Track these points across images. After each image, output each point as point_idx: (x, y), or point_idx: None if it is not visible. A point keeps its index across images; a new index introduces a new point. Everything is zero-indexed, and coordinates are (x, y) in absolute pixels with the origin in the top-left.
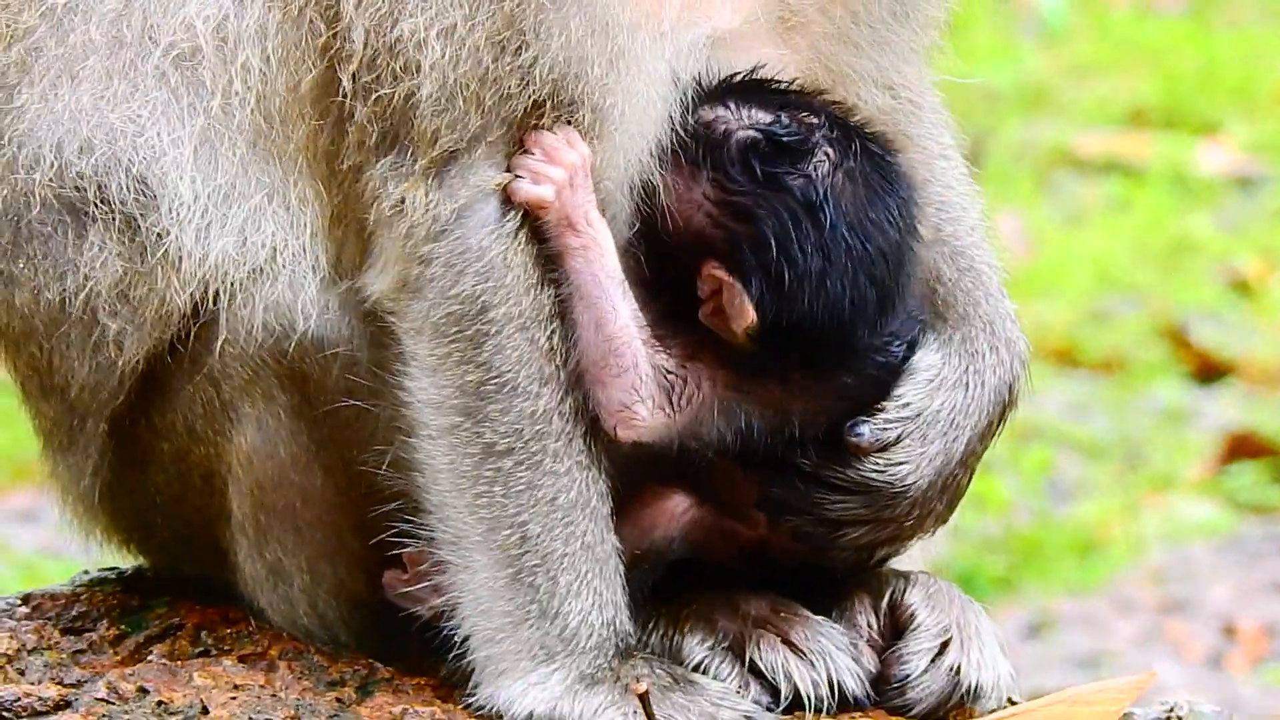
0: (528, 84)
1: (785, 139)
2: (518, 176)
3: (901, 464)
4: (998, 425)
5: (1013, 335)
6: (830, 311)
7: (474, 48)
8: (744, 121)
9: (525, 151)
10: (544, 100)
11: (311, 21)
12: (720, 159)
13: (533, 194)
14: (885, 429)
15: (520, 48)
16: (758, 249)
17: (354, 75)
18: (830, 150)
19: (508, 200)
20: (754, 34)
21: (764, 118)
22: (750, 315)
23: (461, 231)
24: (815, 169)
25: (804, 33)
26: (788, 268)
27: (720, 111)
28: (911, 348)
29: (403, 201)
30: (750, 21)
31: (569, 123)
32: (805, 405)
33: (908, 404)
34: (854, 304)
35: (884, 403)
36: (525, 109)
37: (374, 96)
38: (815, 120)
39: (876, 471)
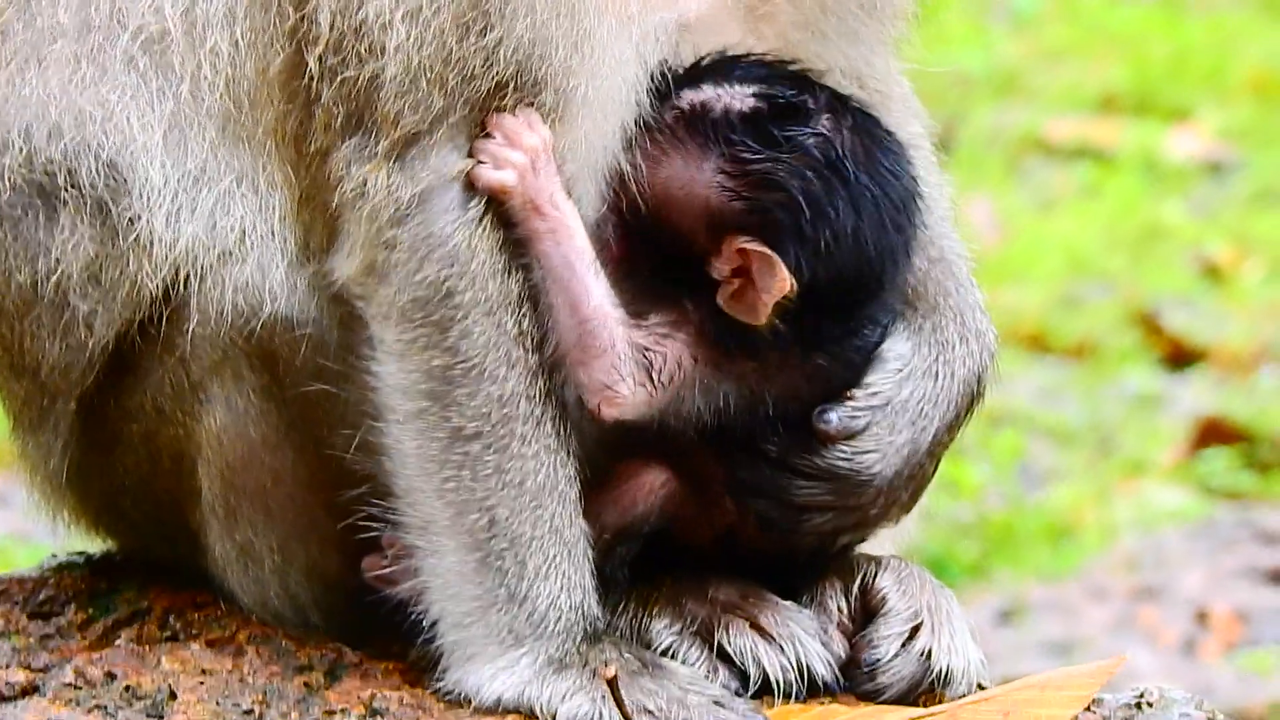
0: (491, 65)
1: (789, 101)
2: (479, 162)
3: (869, 452)
4: (966, 416)
5: (982, 326)
6: (864, 266)
7: (439, 30)
8: (739, 93)
9: (486, 135)
10: (507, 81)
11: (279, 5)
12: (727, 133)
13: (494, 179)
14: (854, 416)
15: (485, 29)
16: (790, 212)
17: (320, 58)
18: (828, 108)
19: (470, 185)
20: (722, 20)
21: (756, 87)
22: (788, 282)
23: (424, 217)
24: (823, 126)
25: (772, 21)
26: (824, 226)
27: (709, 91)
28: (883, 334)
29: (365, 184)
30: (718, 8)
31: (532, 105)
32: (780, 385)
33: (877, 392)
34: (884, 255)
35: (853, 390)
36: (488, 90)
37: (340, 79)
38: (803, 83)
39: (843, 459)
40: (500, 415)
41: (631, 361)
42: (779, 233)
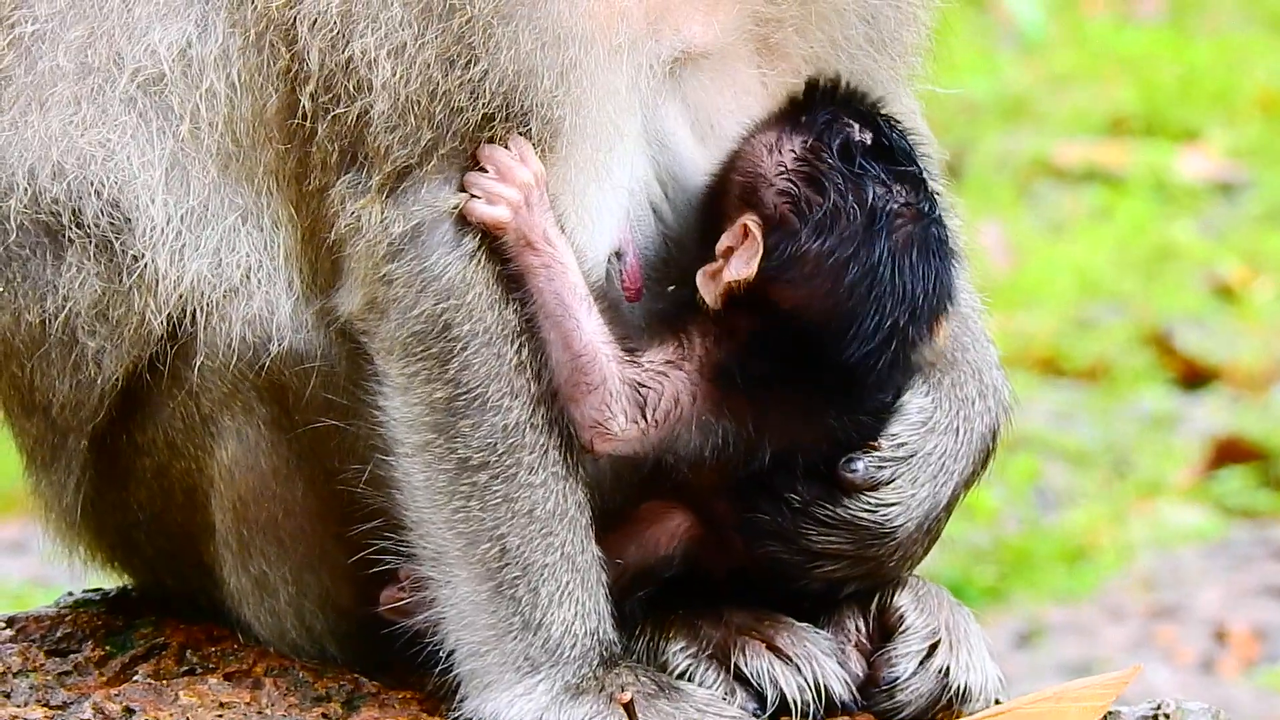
0: (477, 97)
1: (890, 148)
2: (473, 197)
3: (892, 505)
4: (981, 472)
5: (998, 382)
6: (833, 307)
7: (424, 65)
8: (864, 120)
9: (479, 169)
10: (494, 113)
11: (272, 45)
12: (827, 138)
13: (488, 215)
14: (880, 467)
15: (470, 62)
16: (808, 212)
17: (313, 95)
18: (916, 191)
19: (464, 219)
20: (732, 54)
21: (881, 129)
22: (752, 270)
23: (418, 251)
24: (895, 193)
25: (783, 56)
26: (819, 241)
27: (846, 114)
28: (898, 396)
29: (359, 219)
30: (727, 41)
31: (522, 135)
32: (778, 431)
33: (903, 444)
34: (857, 312)
35: (879, 440)
36: (476, 122)
37: (331, 116)
38: (920, 173)
39: (867, 510)
40: (506, 445)
41: (624, 397)
42: (783, 225)
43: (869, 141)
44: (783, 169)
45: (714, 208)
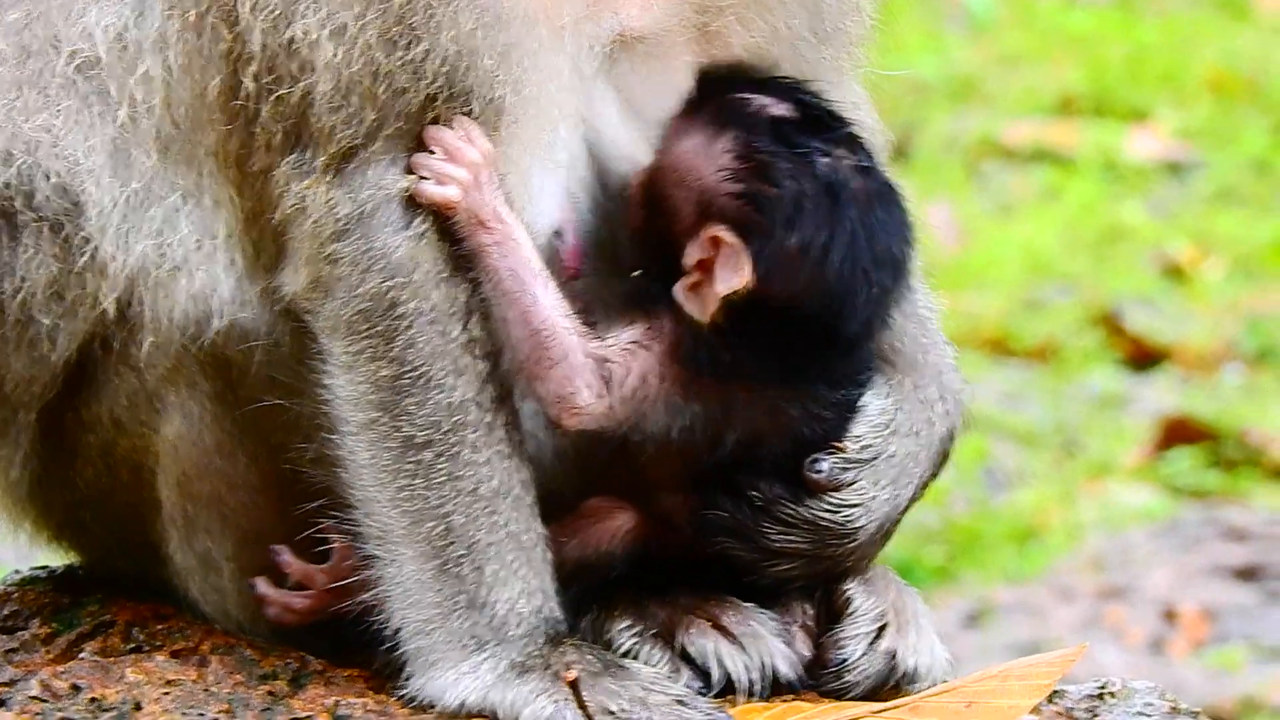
0: (420, 78)
1: (817, 117)
2: (422, 178)
3: (855, 506)
4: (937, 474)
5: (956, 385)
6: (822, 293)
7: (365, 45)
8: (776, 97)
9: (426, 150)
10: (437, 94)
11: (213, 27)
12: (751, 125)
13: (437, 195)
14: (845, 468)
15: (411, 42)
16: (771, 208)
17: (255, 76)
18: (850, 147)
19: (410, 199)
20: (669, 37)
21: (794, 98)
22: (746, 275)
23: (364, 231)
24: (838, 155)
25: (722, 43)
26: (796, 235)
27: (749, 92)
28: (859, 396)
29: (304, 200)
30: (665, 24)
31: (466, 116)
32: (742, 419)
33: (867, 445)
34: (847, 290)
35: (843, 441)
36: (419, 103)
37: (274, 97)
38: (835, 117)
39: (829, 511)
40: (450, 423)
41: (588, 370)
42: (753, 227)
43: (791, 114)
44: (726, 172)
45: (657, 222)
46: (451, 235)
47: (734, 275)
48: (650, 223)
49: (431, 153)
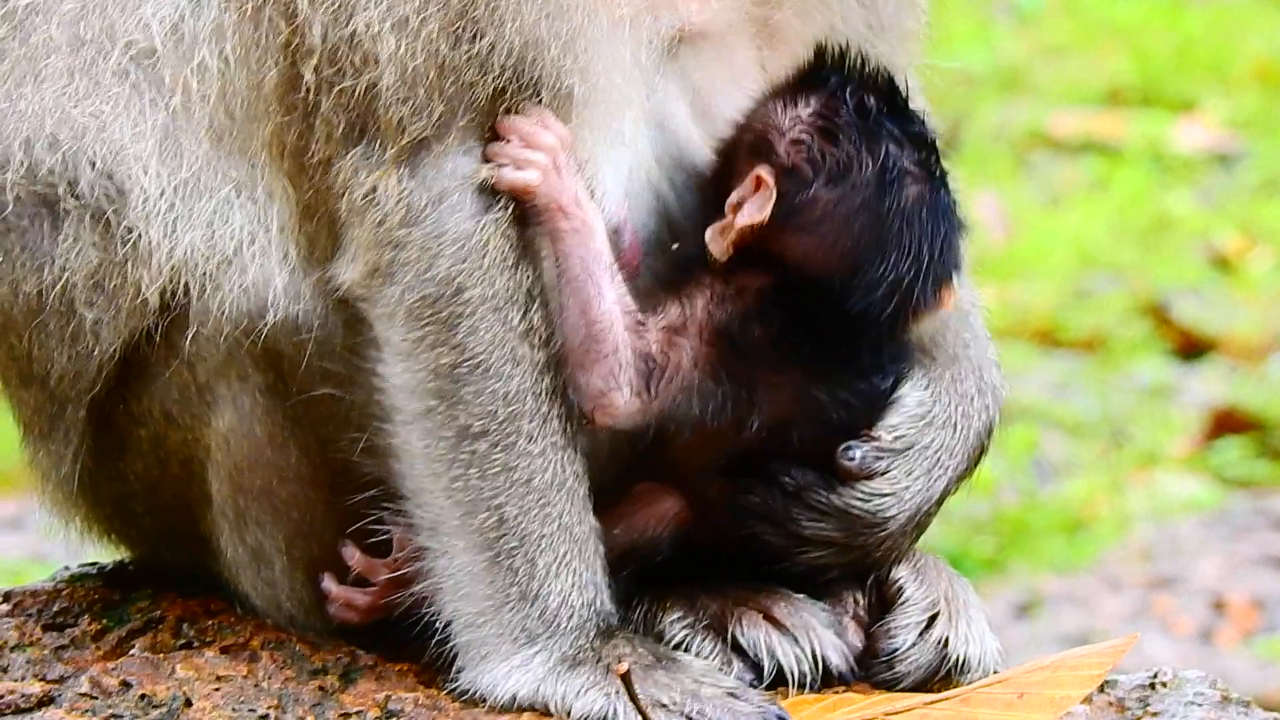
0: (487, 71)
1: (908, 119)
2: (500, 165)
3: (886, 496)
4: (974, 469)
5: (996, 381)
6: (839, 258)
7: (429, 38)
8: (879, 91)
9: (503, 139)
10: (506, 86)
11: (271, 20)
12: (839, 94)
13: (517, 179)
14: (878, 457)
15: (476, 35)
16: (822, 162)
17: (316, 69)
18: (927, 153)
19: (485, 186)
20: (732, 35)
21: (892, 91)
22: (765, 214)
23: (438, 216)
24: (907, 157)
25: (782, 38)
26: (831, 189)
27: (858, 77)
28: (896, 385)
29: (374, 190)
30: (726, 20)
31: (537, 105)
32: (770, 402)
33: (901, 435)
34: (862, 262)
35: (877, 430)
36: (489, 95)
37: (337, 89)
38: (932, 137)
39: (860, 500)
40: (506, 413)
41: (632, 369)
42: (797, 174)
43: (883, 102)
44: (798, 121)
45: (722, 171)
46: (522, 221)
47: (756, 210)
48: (716, 171)
49: (507, 141)
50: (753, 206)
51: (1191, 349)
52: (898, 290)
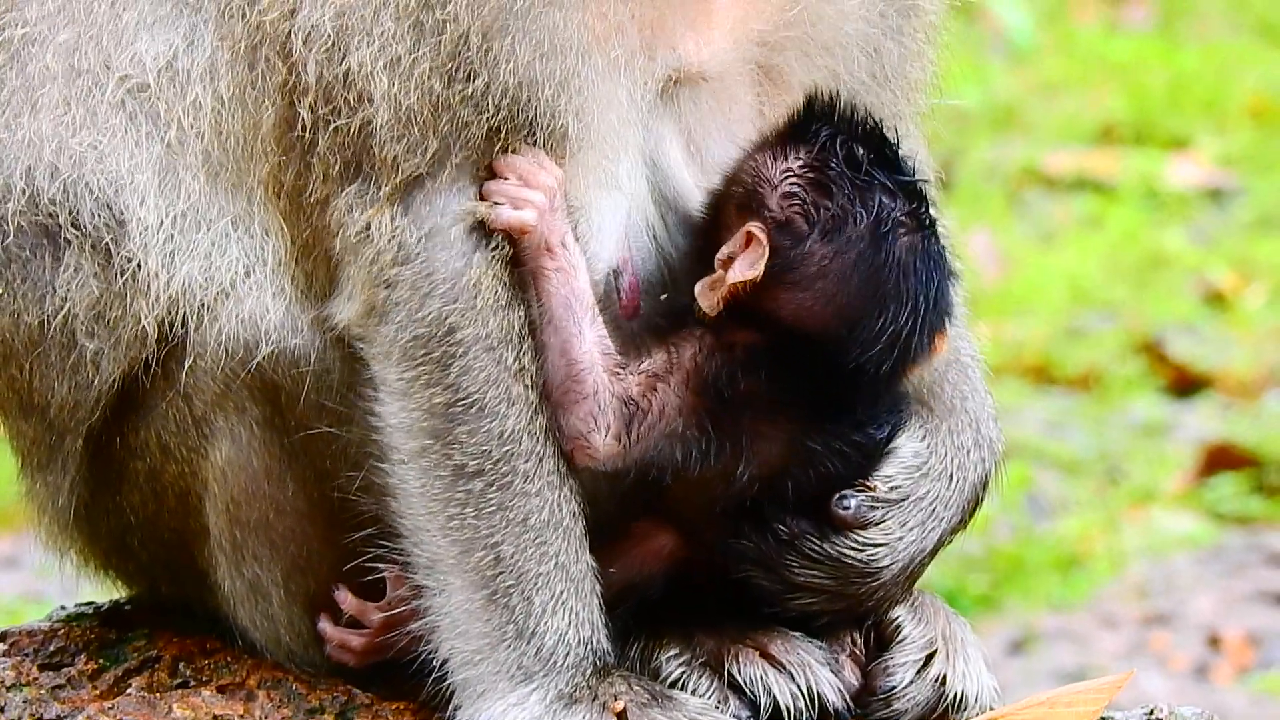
0: (481, 111)
1: (896, 160)
2: (495, 204)
3: (880, 546)
4: (968, 522)
5: (994, 435)
6: (834, 315)
7: (421, 78)
8: (869, 141)
9: (495, 177)
10: (500, 125)
11: (268, 59)
12: (829, 146)
13: (514, 219)
14: (873, 507)
15: (469, 76)
16: (815, 217)
17: (312, 107)
18: (917, 207)
19: (477, 225)
20: (732, 79)
21: (880, 141)
22: (758, 272)
23: (429, 255)
24: (899, 208)
25: (781, 83)
26: (827, 244)
27: (848, 128)
28: (892, 436)
29: (368, 228)
30: (726, 62)
31: (532, 144)
32: (762, 453)
33: (896, 486)
34: (859, 322)
35: (872, 480)
36: (483, 134)
37: (332, 127)
38: (922, 187)
39: (853, 549)
40: (501, 452)
41: (610, 412)
42: (790, 229)
43: (873, 153)
44: (788, 174)
45: (711, 223)
46: (514, 261)
47: (749, 267)
48: (706, 222)
49: (504, 179)
50: (744, 263)
51: (1186, 386)
52: (896, 343)
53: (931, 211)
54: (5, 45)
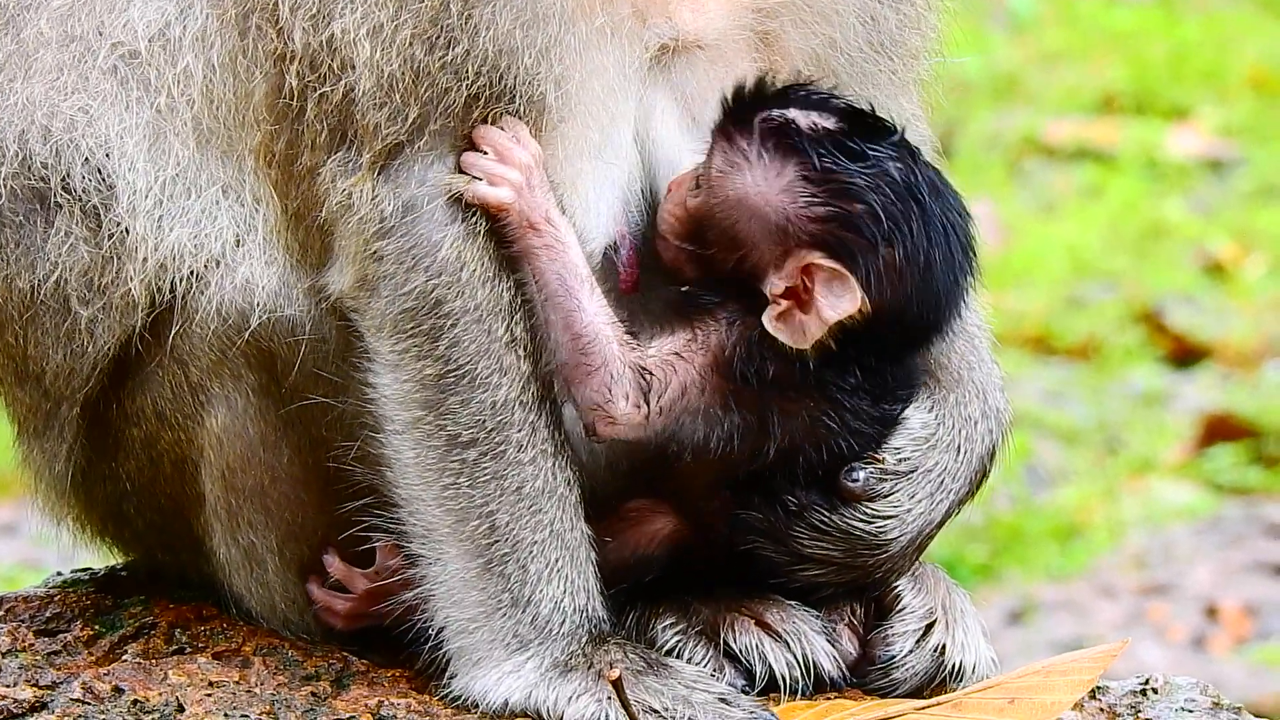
0: (461, 78)
1: (872, 123)
2: (473, 179)
3: (888, 518)
4: (975, 493)
5: (1001, 406)
6: (931, 297)
7: (403, 45)
8: (823, 111)
9: (476, 150)
10: (480, 93)
11: (259, 28)
12: (812, 145)
13: (491, 196)
14: (881, 479)
15: (449, 43)
16: (865, 225)
17: (299, 74)
18: (902, 141)
19: (457, 197)
20: (729, 46)
21: (838, 108)
22: (859, 301)
23: (410, 228)
24: (902, 155)
25: (781, 52)
26: (899, 245)
27: (792, 106)
28: (904, 408)
29: (350, 196)
30: (723, 32)
31: (510, 114)
32: (784, 434)
33: (905, 458)
34: (952, 288)
35: (881, 453)
36: (463, 101)
37: (318, 94)
38: (876, 116)
39: (862, 521)
40: (495, 422)
41: (626, 380)
42: (853, 249)
43: (841, 125)
44: (805, 197)
45: (715, 256)
46: (498, 234)
47: (842, 299)
48: (701, 258)
49: (482, 153)
50: (834, 298)
51: (1185, 356)
52: (955, 296)
53: (902, 135)
54: (0, 11)
